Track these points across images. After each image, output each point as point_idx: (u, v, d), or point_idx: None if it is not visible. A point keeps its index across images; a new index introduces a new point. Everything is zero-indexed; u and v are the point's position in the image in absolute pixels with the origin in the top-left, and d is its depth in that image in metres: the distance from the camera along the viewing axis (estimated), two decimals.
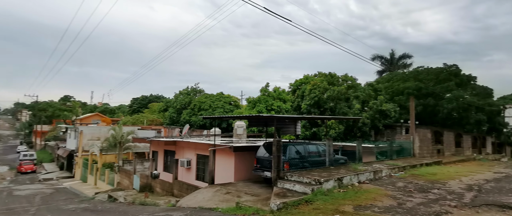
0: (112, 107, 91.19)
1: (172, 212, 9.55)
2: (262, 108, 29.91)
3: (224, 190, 11.43)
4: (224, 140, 19.20)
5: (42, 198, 22.19)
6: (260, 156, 12.44)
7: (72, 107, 67.81)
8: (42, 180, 32.60)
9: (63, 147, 41.11)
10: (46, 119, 64.30)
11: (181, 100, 46.98)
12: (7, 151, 61.08)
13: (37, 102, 66.98)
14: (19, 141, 74.89)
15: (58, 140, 48.09)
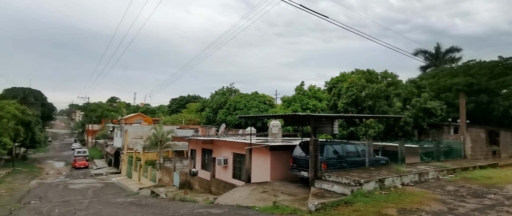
0: (153, 107, 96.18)
1: (210, 209, 9.77)
2: (297, 107, 29.55)
3: (261, 189, 11.45)
4: (259, 139, 19.26)
5: (93, 191, 24.04)
6: (297, 155, 12.27)
7: (117, 108, 72.73)
8: (94, 175, 35.34)
9: (110, 145, 44.21)
10: (96, 119, 69.72)
11: (217, 100, 48.08)
12: (63, 148, 67.25)
13: (88, 103, 72.85)
14: (73, 139, 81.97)
15: (106, 138, 51.83)
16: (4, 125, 32.28)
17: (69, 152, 58.19)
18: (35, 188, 26.05)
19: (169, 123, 50.00)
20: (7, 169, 36.28)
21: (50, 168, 41.70)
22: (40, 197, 21.50)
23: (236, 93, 50.42)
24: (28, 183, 29.14)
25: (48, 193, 23.40)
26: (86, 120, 74.09)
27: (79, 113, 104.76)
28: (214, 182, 16.45)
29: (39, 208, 14.05)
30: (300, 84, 32.60)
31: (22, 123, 38.30)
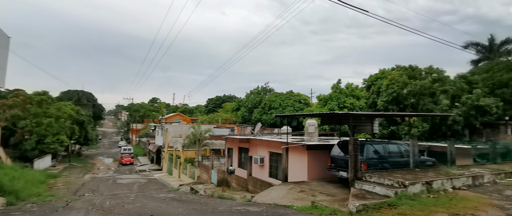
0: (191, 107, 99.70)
1: (248, 207, 9.85)
2: (334, 105, 28.75)
3: (298, 188, 11.31)
4: (295, 138, 19.04)
5: (138, 186, 25.55)
6: (335, 155, 11.93)
7: (158, 108, 76.58)
8: (138, 171, 37.58)
9: (152, 143, 46.66)
10: (139, 118, 74.07)
11: (252, 99, 48.50)
12: (111, 145, 72.43)
13: (132, 104, 77.62)
14: (119, 137, 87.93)
15: (149, 137, 54.80)
16: (62, 124, 35.57)
17: (116, 149, 62.55)
18: (88, 182, 28.35)
19: (206, 122, 51.47)
20: (64, 164, 39.94)
21: (100, 164, 45.16)
22: (93, 190, 23.34)
23: (270, 93, 50.45)
24: (82, 177, 31.81)
25: (99, 186, 25.32)
26: (131, 120, 79.06)
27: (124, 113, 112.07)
28: (250, 180, 16.58)
29: (92, 200, 15.23)
30: (337, 82, 31.68)
31: (77, 122, 41.92)
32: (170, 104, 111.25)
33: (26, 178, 22.71)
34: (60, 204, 14.12)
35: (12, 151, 31.32)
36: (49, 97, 37.65)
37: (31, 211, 12.09)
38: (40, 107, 34.80)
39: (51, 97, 38.40)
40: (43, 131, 33.14)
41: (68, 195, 20.53)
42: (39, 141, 32.96)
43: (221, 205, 10.71)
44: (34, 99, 35.08)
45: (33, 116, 33.61)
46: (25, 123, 32.62)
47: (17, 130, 32.69)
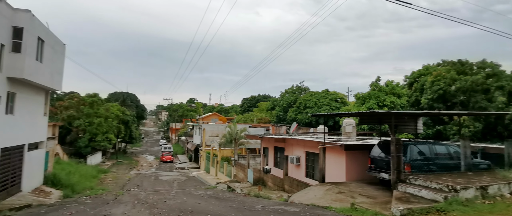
0: (226, 107, 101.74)
1: (285, 206, 9.79)
2: (373, 104, 27.53)
3: (336, 189, 11.00)
4: (331, 138, 18.56)
5: (178, 183, 26.65)
6: (375, 155, 11.41)
7: (196, 108, 79.24)
8: (178, 168, 39.22)
9: (191, 141, 48.39)
10: (178, 118, 77.30)
11: (287, 98, 48.19)
12: (153, 144, 76.42)
13: (171, 104, 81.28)
14: (160, 136, 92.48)
15: (187, 136, 56.90)
16: (110, 123, 38.36)
17: (157, 148, 65.90)
18: (133, 178, 30.21)
19: (241, 122, 52.11)
20: (112, 160, 43.01)
21: (143, 161, 47.91)
22: (138, 185, 24.83)
23: (306, 92, 49.70)
24: (128, 173, 33.99)
25: (143, 182, 26.87)
26: (170, 119, 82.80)
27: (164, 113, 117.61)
28: (287, 180, 16.49)
29: (137, 195, 16.21)
30: (376, 80, 30.30)
31: (122, 122, 44.91)
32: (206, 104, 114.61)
33: (80, 172, 24.84)
34: (110, 198, 15.21)
35: (68, 148, 34.43)
36: (99, 98, 40.78)
37: (85, 203, 13.18)
38: (92, 108, 37.84)
39: (100, 99, 41.56)
40: (94, 130, 36.02)
41: (117, 189, 22.06)
42: (91, 139, 35.88)
43: (258, 204, 10.77)
44: (87, 101, 38.23)
45: (85, 116, 36.67)
46: (79, 123, 35.70)
47: (72, 129, 35.88)
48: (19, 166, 15.18)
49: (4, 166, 13.41)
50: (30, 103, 15.78)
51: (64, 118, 35.88)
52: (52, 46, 16.48)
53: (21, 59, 13.31)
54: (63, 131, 35.41)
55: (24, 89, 14.91)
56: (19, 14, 13.34)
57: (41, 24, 14.92)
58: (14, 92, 13.94)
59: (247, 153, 26.01)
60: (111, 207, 11.22)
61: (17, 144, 14.67)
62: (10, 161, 14.14)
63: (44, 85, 16.14)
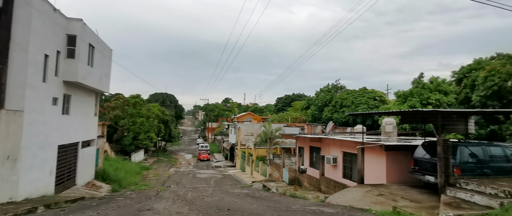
0: (261, 106, 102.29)
1: (322, 207, 9.60)
2: (415, 102, 25.89)
3: (376, 191, 10.53)
4: (370, 138, 17.81)
5: (215, 181, 27.36)
6: (419, 157, 10.72)
7: (231, 108, 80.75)
8: (214, 167, 40.29)
9: (226, 140, 49.42)
10: (214, 117, 79.39)
11: (322, 97, 47.20)
12: (190, 143, 79.28)
13: (207, 104, 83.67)
14: (197, 135, 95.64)
15: (223, 135, 58.22)
16: (151, 123, 40.54)
17: (194, 146, 68.26)
18: (173, 175, 31.61)
19: (276, 121, 52.03)
20: (154, 158, 45.40)
21: (182, 159, 49.91)
22: (177, 182, 25.93)
23: (342, 90, 48.28)
24: (168, 170, 35.64)
25: (182, 179, 28.00)
26: (206, 119, 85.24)
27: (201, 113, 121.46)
28: (323, 180, 16.15)
29: (177, 191, 16.93)
30: (419, 76, 28.46)
31: (162, 121, 47.18)
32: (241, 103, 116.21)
33: (126, 169, 26.56)
34: (152, 193, 16.07)
35: (115, 145, 37.01)
36: (141, 99, 43.29)
37: (130, 197, 14.06)
38: (135, 108, 40.30)
39: (142, 100, 44.09)
40: (137, 129, 38.32)
41: (158, 186, 23.25)
42: (134, 138, 38.22)
43: (294, 204, 10.68)
44: (130, 101, 40.79)
45: (129, 116, 39.15)
46: (124, 122, 38.21)
47: (118, 128, 38.50)
48: (74, 162, 16.63)
49: (61, 162, 14.78)
50: (82, 104, 17.21)
51: (111, 118, 38.62)
52: (101, 51, 17.81)
53: (75, 64, 14.56)
54: (110, 130, 38.12)
55: (78, 91, 16.29)
56: (72, 23, 14.60)
57: (91, 31, 16.18)
58: (69, 94, 15.30)
59: (282, 152, 25.92)
60: (153, 202, 11.84)
61: (72, 142, 16.08)
62: (66, 158, 15.55)
63: (94, 88, 17.49)
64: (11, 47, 11.19)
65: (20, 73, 11.30)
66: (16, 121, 10.98)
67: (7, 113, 10.64)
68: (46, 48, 12.69)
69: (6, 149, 10.55)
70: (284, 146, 31.03)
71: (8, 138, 10.66)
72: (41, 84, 12.48)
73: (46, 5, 12.57)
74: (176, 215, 8.64)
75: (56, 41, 13.59)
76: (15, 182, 10.99)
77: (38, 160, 12.48)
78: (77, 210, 9.88)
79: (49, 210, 10.26)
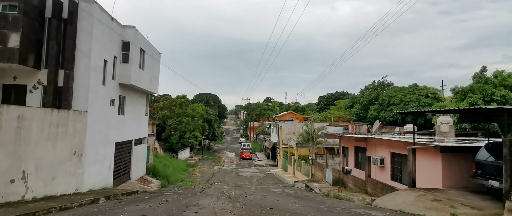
0: (302, 105, 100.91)
1: (369, 210, 9.20)
2: (477, 99, 23.43)
3: (430, 196, 9.79)
4: (422, 138, 16.57)
5: (257, 180, 27.72)
6: (482, 160, 9.72)
7: (272, 107, 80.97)
8: (256, 166, 40.80)
9: (268, 140, 49.71)
10: (255, 117, 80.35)
11: (367, 95, 45.08)
12: (233, 141, 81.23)
13: (249, 103, 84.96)
14: (239, 134, 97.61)
15: (264, 134, 58.66)
16: (196, 122, 42.40)
17: (237, 145, 69.80)
18: (217, 173, 32.72)
19: (318, 120, 50.99)
20: (198, 156, 47.41)
21: (225, 157, 51.39)
22: (221, 180, 26.80)
23: (389, 87, 45.54)
24: (212, 168, 36.98)
25: (225, 177, 28.86)
26: (248, 118, 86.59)
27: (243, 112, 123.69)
28: (369, 182, 15.46)
29: (221, 189, 17.51)
30: (481, 70, 25.67)
31: (206, 121, 49.03)
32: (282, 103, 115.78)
33: (173, 165, 28.17)
34: (198, 189, 16.83)
35: (163, 143, 39.44)
36: (187, 99, 45.47)
37: (178, 193, 14.90)
38: (181, 108, 42.50)
39: (188, 100, 46.29)
40: (183, 128, 40.37)
41: (202, 182, 24.27)
42: (181, 136, 40.33)
43: (339, 206, 10.40)
44: (177, 102, 43.10)
45: (176, 116, 41.40)
46: (171, 121, 40.53)
47: (166, 127, 40.94)
48: (129, 158, 18.11)
49: (118, 158, 16.19)
50: (135, 105, 18.66)
51: (160, 117, 41.21)
52: (151, 55, 19.12)
53: (129, 68, 15.85)
54: (159, 129, 40.71)
55: (131, 93, 17.69)
56: (126, 30, 15.90)
57: (142, 37, 17.46)
58: (124, 96, 16.69)
59: (325, 152, 25.34)
60: (199, 198, 12.40)
61: (127, 140, 17.52)
62: (122, 154, 16.99)
63: (145, 89, 18.85)
64: (77, 54, 12.56)
65: (84, 78, 12.63)
66: (81, 120, 12.30)
67: (74, 113, 11.97)
68: (105, 54, 14.01)
69: (73, 145, 11.88)
70: (327, 145, 30.29)
71: (75, 136, 11.99)
72: (101, 87, 13.80)
73: (105, 15, 13.86)
74: (220, 211, 8.94)
75: (113, 47, 14.92)
76: (80, 175, 12.32)
77: (100, 156, 13.83)
78: (132, 203, 10.76)
79: (109, 201, 11.32)
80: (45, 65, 12.53)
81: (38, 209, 8.30)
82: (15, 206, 8.67)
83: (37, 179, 10.06)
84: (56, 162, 10.95)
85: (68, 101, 12.29)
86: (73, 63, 12.45)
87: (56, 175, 10.94)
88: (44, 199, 10.06)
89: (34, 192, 9.92)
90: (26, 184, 9.58)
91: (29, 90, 12.47)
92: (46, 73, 12.36)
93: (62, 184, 11.27)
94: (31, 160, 9.79)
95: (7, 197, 8.93)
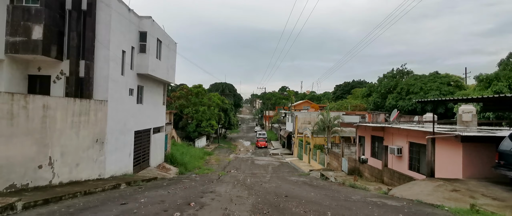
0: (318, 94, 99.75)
1: (385, 199, 9.09)
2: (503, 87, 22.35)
3: (449, 186, 9.54)
4: (442, 127, 16.06)
5: (272, 168, 27.91)
6: (505, 150, 9.32)
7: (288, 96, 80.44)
8: (272, 154, 41.02)
9: (283, 128, 49.70)
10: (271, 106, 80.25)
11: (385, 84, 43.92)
12: (248, 130, 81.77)
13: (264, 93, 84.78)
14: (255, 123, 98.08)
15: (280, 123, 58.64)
16: (212, 111, 42.86)
17: (252, 134, 70.24)
18: (233, 161, 33.16)
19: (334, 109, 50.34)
20: (215, 144, 48.12)
21: (241, 146, 51.92)
22: (237, 168, 27.17)
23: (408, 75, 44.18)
24: (228, 156, 37.50)
25: (241, 165, 29.22)
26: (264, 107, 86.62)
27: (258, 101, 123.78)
28: (386, 171, 15.22)
29: (237, 176, 17.77)
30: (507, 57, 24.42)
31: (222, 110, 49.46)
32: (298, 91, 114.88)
33: (190, 153, 28.77)
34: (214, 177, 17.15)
35: (181, 132, 40.24)
36: (203, 89, 45.90)
37: (195, 180, 15.25)
38: (197, 97, 43.01)
39: (204, 89, 46.72)
40: (200, 117, 40.95)
41: (219, 170, 24.69)
42: (197, 125, 40.98)
43: (354, 195, 10.34)
44: (193, 91, 43.62)
45: (193, 105, 41.99)
46: (188, 110, 41.17)
47: (183, 116, 41.65)
48: (147, 146, 18.62)
49: (137, 145, 16.69)
50: (153, 94, 19.03)
51: (177, 106, 41.91)
52: (167, 45, 19.31)
53: (146, 58, 16.11)
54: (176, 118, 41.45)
55: (148, 83, 18.03)
56: (143, 21, 16.08)
57: (159, 27, 17.63)
58: (142, 85, 17.04)
59: (340, 141, 25.10)
60: (215, 185, 12.65)
61: (146, 128, 17.99)
62: (141, 142, 17.49)
63: (162, 79, 19.15)
64: (96, 45, 12.86)
65: (103, 68, 12.97)
66: (102, 109, 12.70)
67: (95, 103, 12.37)
68: (123, 44, 14.28)
69: (95, 133, 12.33)
70: (343, 135, 29.96)
71: (97, 124, 12.42)
72: (120, 77, 14.14)
73: (122, 6, 14.06)
74: (236, 198, 9.10)
75: (131, 37, 15.17)
76: (103, 161, 12.82)
77: (120, 143, 14.30)
78: (151, 189, 11.12)
79: (129, 187, 11.76)
80: (66, 56, 12.93)
81: (64, 193, 8.74)
82: (43, 190, 9.17)
83: (63, 165, 10.55)
84: (80, 149, 11.42)
85: (89, 91, 12.69)
86: (93, 54, 12.79)
87: (80, 162, 11.44)
88: (70, 184, 10.58)
89: (60, 177, 10.43)
90: (52, 170, 10.08)
91: (53, 80, 12.95)
92: (68, 64, 12.77)
93: (85, 170, 11.78)
94: (56, 147, 10.25)
95: (35, 182, 9.44)
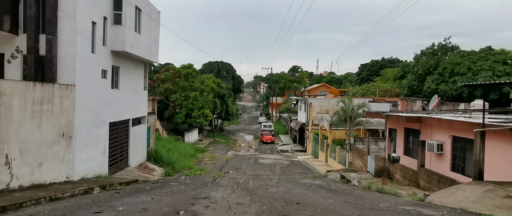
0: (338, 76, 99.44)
1: (420, 208, 9.20)
2: None
3: (502, 191, 9.60)
4: (496, 117, 16.02)
5: (281, 168, 28.22)
6: None
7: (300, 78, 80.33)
8: (280, 151, 41.35)
9: (294, 119, 49.86)
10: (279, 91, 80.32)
11: (423, 62, 43.61)
12: (251, 121, 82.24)
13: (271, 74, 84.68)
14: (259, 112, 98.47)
15: (290, 112, 58.79)
16: (205, 98, 43.03)
17: (256, 126, 70.64)
18: (232, 159, 33.53)
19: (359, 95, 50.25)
20: (209, 139, 48.56)
21: (241, 141, 52.34)
22: (236, 168, 27.50)
23: (454, 52, 43.69)
24: (226, 154, 37.89)
25: (242, 165, 29.55)
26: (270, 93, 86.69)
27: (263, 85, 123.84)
28: (423, 173, 15.34)
29: (236, 179, 18.02)
30: None
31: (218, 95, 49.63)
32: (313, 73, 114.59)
33: (179, 150, 29.10)
34: (209, 179, 17.41)
35: (166, 124, 40.57)
36: (194, 70, 45.94)
37: (185, 183, 15.48)
38: (187, 80, 43.11)
39: (195, 70, 46.75)
40: (190, 105, 41.17)
41: (214, 171, 25.02)
42: (187, 115, 41.25)
43: (382, 202, 10.45)
44: (182, 73, 43.68)
45: (181, 90, 42.15)
46: (175, 97, 41.37)
47: (169, 104, 41.90)
48: (126, 142, 18.85)
49: (113, 140, 16.89)
50: (131, 76, 19.10)
51: (161, 92, 42.11)
52: (149, 14, 19.24)
53: (122, 31, 16.08)
54: (161, 106, 41.69)
55: (126, 62, 18.07)
56: None
57: None
58: (118, 66, 17.09)
59: (366, 135, 25.17)
60: (210, 189, 12.84)
61: (123, 119, 18.15)
62: (118, 136, 17.69)
63: (143, 57, 19.17)
64: (59, 15, 12.84)
65: (69, 44, 12.98)
66: (68, 96, 12.80)
67: (60, 88, 12.45)
68: (93, 14, 14.23)
69: (60, 125, 12.47)
70: (370, 127, 29.94)
71: (62, 114, 12.55)
72: (90, 55, 14.17)
73: None
74: (235, 206, 9.23)
75: (103, 5, 15.11)
76: (71, 160, 13.02)
77: (92, 138, 14.48)
78: (131, 194, 11.32)
79: (105, 191, 11.98)
80: (23, 30, 12.94)
81: (25, 199, 8.93)
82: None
83: (23, 165, 10.74)
84: (43, 145, 11.59)
85: (52, 72, 12.75)
86: (56, 26, 12.78)
87: (44, 161, 11.62)
88: (32, 188, 10.79)
89: (20, 179, 10.63)
90: (10, 171, 10.27)
91: (7, 60, 13.02)
92: (25, 39, 12.78)
93: (50, 170, 11.98)
94: (14, 143, 10.41)
95: None
